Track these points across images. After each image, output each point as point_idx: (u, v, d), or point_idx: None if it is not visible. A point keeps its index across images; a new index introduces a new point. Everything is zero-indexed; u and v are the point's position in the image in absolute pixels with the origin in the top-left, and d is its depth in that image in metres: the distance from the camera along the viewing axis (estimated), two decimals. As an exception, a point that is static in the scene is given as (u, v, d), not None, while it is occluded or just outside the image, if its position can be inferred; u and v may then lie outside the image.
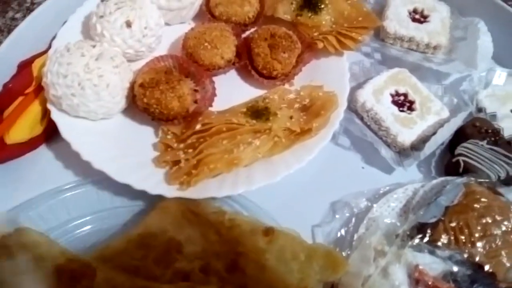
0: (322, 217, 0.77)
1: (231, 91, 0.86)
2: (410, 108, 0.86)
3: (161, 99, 0.75)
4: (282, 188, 0.75)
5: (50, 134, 0.81)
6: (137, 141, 0.79)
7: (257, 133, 0.75)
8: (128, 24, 0.82)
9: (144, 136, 0.80)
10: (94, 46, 0.78)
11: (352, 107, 0.87)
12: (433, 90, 0.90)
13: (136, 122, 0.81)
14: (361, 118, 0.86)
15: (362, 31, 0.89)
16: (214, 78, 0.85)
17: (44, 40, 0.88)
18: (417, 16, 0.99)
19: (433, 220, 0.71)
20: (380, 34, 0.97)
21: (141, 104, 0.77)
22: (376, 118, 0.84)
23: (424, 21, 0.98)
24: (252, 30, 0.92)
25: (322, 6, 0.90)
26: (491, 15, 0.97)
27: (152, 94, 0.76)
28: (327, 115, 0.78)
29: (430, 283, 0.65)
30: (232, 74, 0.89)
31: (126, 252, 0.66)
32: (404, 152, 0.82)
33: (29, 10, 0.97)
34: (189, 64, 0.83)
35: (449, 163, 0.81)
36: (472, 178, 0.75)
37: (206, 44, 0.84)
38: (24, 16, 0.90)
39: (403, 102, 0.87)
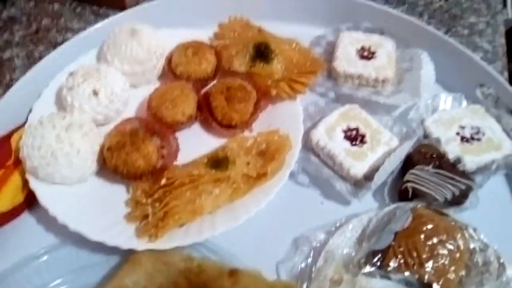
0: (285, 253, 0.83)
1: (195, 144, 0.93)
2: (362, 141, 0.92)
3: (127, 159, 0.83)
4: (246, 229, 0.80)
5: (31, 201, 0.88)
6: (110, 200, 0.86)
7: (217, 182, 0.82)
8: (95, 93, 0.91)
9: (117, 195, 0.86)
10: (64, 118, 0.86)
11: (309, 146, 0.94)
12: (383, 122, 0.96)
13: (109, 182, 0.88)
14: (318, 156, 0.93)
15: (310, 75, 0.97)
16: (179, 133, 0.93)
17: (22, 113, 0.96)
18: (365, 54, 1.06)
19: (383, 246, 0.76)
20: (332, 74, 1.05)
21: (110, 165, 0.84)
22: (330, 154, 0.90)
23: (372, 57, 1.05)
24: (212, 84, 1.00)
25: (273, 56, 0.98)
26: (432, 46, 1.05)
27: (119, 156, 0.83)
28: (281, 158, 0.85)
29: (383, 307, 0.71)
30: (196, 127, 0.97)
31: (101, 306, 0.72)
32: (359, 184, 0.89)
33: (8, 86, 1.06)
34: (153, 124, 0.91)
35: (400, 190, 0.87)
36: (420, 203, 0.81)
37: (167, 103, 0.91)
38: (4, 92, 0.99)
39: (355, 136, 0.93)
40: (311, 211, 0.88)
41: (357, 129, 0.94)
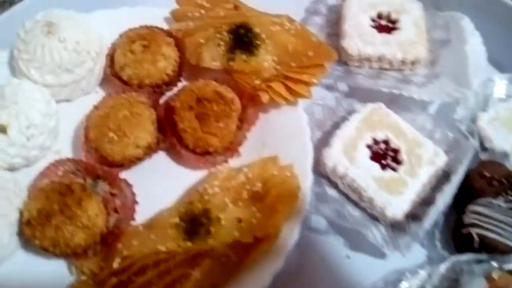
0: None
1: (160, 183, 0.66)
2: (395, 160, 0.65)
3: (57, 237, 0.55)
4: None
5: None
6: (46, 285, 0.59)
7: (196, 258, 0.55)
8: (2, 130, 0.61)
9: (53, 277, 0.59)
10: (-46, 178, 0.57)
11: (321, 171, 0.66)
12: (418, 124, 0.69)
13: (41, 257, 0.61)
14: (335, 185, 0.66)
15: (315, 70, 0.67)
16: (134, 168, 0.65)
17: None
18: (383, 23, 0.77)
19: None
20: (341, 57, 0.75)
21: (35, 246, 0.57)
22: (353, 186, 0.63)
23: (393, 28, 0.76)
24: (175, 90, 0.70)
25: (258, 43, 0.68)
26: (477, 7, 0.75)
27: (44, 234, 0.55)
28: (286, 210, 0.57)
29: None
30: (158, 158, 0.68)
31: None
32: (398, 226, 0.62)
33: None
34: (95, 166, 0.62)
35: (459, 233, 0.61)
36: (494, 263, 0.55)
37: (111, 134, 0.62)
38: None
39: (385, 153, 0.66)
40: (334, 269, 0.62)
41: (387, 142, 0.67)
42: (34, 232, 0.56)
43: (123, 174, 0.64)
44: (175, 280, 0.54)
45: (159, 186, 0.66)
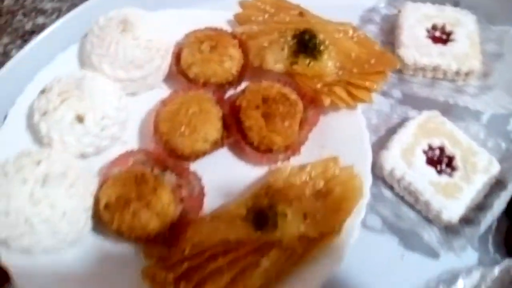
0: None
1: (224, 177, 0.69)
2: (450, 166, 0.68)
3: (135, 222, 0.58)
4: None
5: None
6: (114, 270, 0.62)
7: (264, 248, 0.58)
8: (80, 119, 0.65)
9: (122, 261, 0.62)
10: (38, 163, 0.60)
11: (378, 173, 0.69)
12: (471, 133, 0.72)
13: (110, 241, 0.64)
14: (391, 187, 0.69)
15: (376, 77, 0.70)
16: (199, 164, 0.68)
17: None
18: (437, 34, 0.80)
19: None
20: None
21: (110, 228, 0.60)
22: (410, 189, 0.66)
23: (448, 40, 0.79)
24: (239, 89, 0.74)
25: (322, 48, 0.71)
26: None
27: (122, 217, 0.58)
28: (351, 209, 0.60)
29: None
30: (222, 153, 0.71)
31: None
32: (452, 229, 0.65)
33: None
34: (165, 158, 0.65)
35: (511, 238, 0.63)
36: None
37: (183, 128, 0.65)
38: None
39: (439, 158, 0.69)
40: (388, 268, 0.65)
41: (442, 149, 0.69)
42: (113, 216, 0.59)
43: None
44: (245, 268, 0.57)
45: (221, 180, 0.68)
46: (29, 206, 0.57)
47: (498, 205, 0.63)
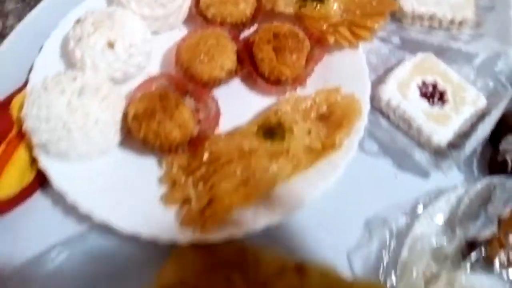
0: (357, 239, 0.68)
1: (237, 104, 0.76)
2: (442, 100, 0.75)
3: (160, 130, 0.66)
4: (307, 212, 0.66)
5: (43, 178, 0.72)
6: (140, 177, 0.70)
7: (273, 157, 0.66)
8: (110, 45, 0.72)
9: (146, 171, 0.70)
10: (74, 79, 0.68)
11: (375, 105, 0.77)
12: (463, 74, 0.79)
13: (135, 154, 0.72)
14: (387, 117, 0.76)
15: (377, 18, 0.77)
16: (215, 92, 0.76)
17: (21, 72, 0.78)
18: (435, -14, 0.87)
19: (486, 235, 0.62)
20: (396, 14, 0.85)
21: (137, 138, 0.68)
22: (405, 117, 0.74)
23: (445, -9, 0.86)
24: (252, 29, 0.81)
25: (328, -8, 0.79)
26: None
27: (149, 126, 0.66)
28: (350, 125, 0.68)
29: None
30: (235, 84, 0.79)
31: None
32: (440, 153, 0.72)
33: (1, 36, 0.86)
34: (185, 83, 0.73)
35: (494, 160, 0.71)
36: (526, 179, 0.65)
37: (202, 56, 0.73)
38: (-5, 44, 0.81)
39: (432, 93, 0.76)
40: (383, 186, 0.72)
41: (434, 85, 0.77)
42: (140, 125, 0.66)
43: (206, 94, 0.75)
44: (255, 171, 0.65)
45: (235, 108, 0.76)
46: (67, 113, 0.65)
47: (482, 130, 0.70)
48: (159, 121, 0.66)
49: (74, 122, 0.65)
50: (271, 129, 0.69)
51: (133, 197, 0.67)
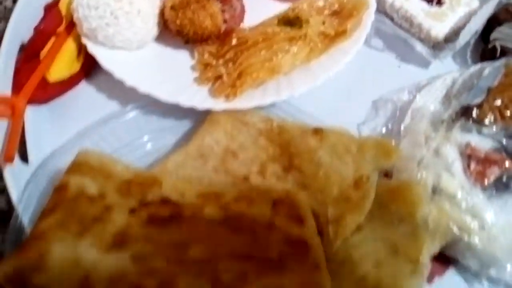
0: (365, 115, 0.79)
1: (257, 6, 0.86)
2: (439, 2, 0.85)
3: (194, 18, 0.76)
4: (322, 92, 0.76)
5: (87, 70, 0.82)
6: (175, 66, 0.79)
7: (292, 40, 0.76)
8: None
9: (181, 60, 0.80)
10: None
11: (381, 9, 0.86)
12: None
13: (170, 47, 0.82)
14: (391, 19, 0.86)
15: None
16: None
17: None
18: None
19: (477, 101, 0.72)
20: None
21: (174, 27, 0.77)
22: (406, 16, 0.83)
23: None
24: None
25: None
26: None
27: (185, 15, 0.76)
28: (360, 15, 0.78)
29: (482, 156, 0.67)
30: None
31: (185, 164, 0.68)
32: (438, 46, 0.83)
33: None
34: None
35: (485, 50, 0.81)
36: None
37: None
38: None
39: (431, -1, 0.86)
40: (389, 74, 0.83)
41: (433, -8, 0.86)
42: (177, 14, 0.76)
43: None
44: (278, 52, 0.75)
45: (255, 10, 0.84)
46: (114, 2, 0.75)
47: (475, 22, 0.80)
48: (193, 10, 0.76)
49: (120, 9, 0.75)
50: (290, 21, 0.78)
51: (171, 78, 0.77)
